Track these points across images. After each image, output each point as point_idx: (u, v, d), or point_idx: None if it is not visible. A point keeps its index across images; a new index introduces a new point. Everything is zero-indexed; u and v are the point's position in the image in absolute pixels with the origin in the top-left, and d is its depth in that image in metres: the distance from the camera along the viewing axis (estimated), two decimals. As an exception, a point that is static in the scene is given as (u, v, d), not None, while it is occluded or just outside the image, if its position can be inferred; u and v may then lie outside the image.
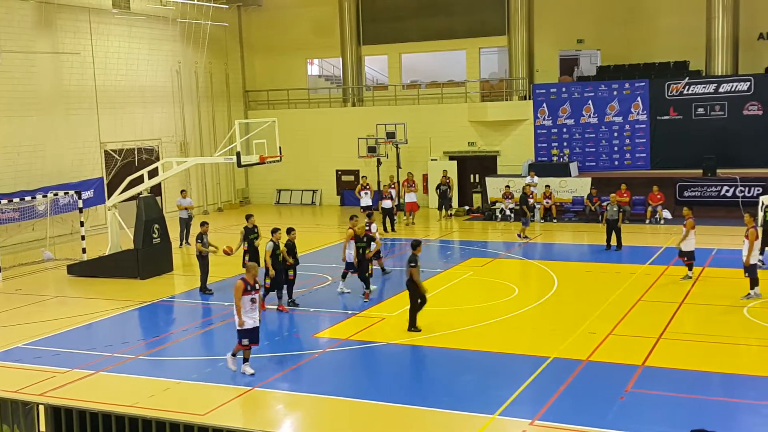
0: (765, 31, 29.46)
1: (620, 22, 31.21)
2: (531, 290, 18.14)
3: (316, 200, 35.63)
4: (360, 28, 35.42)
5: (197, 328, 16.21)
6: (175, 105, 32.51)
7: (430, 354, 14.05)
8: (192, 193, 31.62)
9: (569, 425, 10.46)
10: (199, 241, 18.63)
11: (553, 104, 30.83)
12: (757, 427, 10.58)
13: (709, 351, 13.44)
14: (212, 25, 32.27)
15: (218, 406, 11.61)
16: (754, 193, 26.28)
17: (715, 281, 18.23)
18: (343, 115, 35.09)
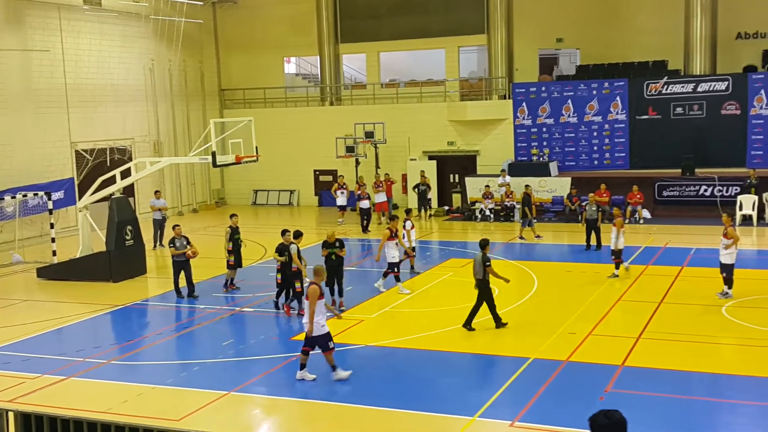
0: (743, 31, 29.60)
1: (599, 21, 31.23)
2: (511, 291, 17.95)
3: (294, 201, 35.34)
4: (338, 26, 35.17)
5: (172, 332, 15.91)
6: (148, 104, 32.08)
7: (410, 356, 13.89)
8: (166, 193, 31.18)
9: (549, 426, 10.39)
10: (171, 245, 18.06)
11: (532, 103, 30.76)
12: (737, 426, 10.56)
13: (688, 350, 13.40)
14: (186, 23, 31.89)
15: (194, 411, 11.40)
16: (732, 193, 26.39)
17: (693, 281, 18.20)
18: (320, 114, 34.83)
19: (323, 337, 12.28)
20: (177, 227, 18.36)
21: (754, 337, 13.88)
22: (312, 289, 12.22)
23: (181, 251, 17.93)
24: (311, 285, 12.36)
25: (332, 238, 16.80)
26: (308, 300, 12.20)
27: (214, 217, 32.34)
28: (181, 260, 18.00)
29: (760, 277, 18.39)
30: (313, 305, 12.10)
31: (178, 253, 17.96)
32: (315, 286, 12.26)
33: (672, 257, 20.76)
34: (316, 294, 12.14)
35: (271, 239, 24.51)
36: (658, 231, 24.84)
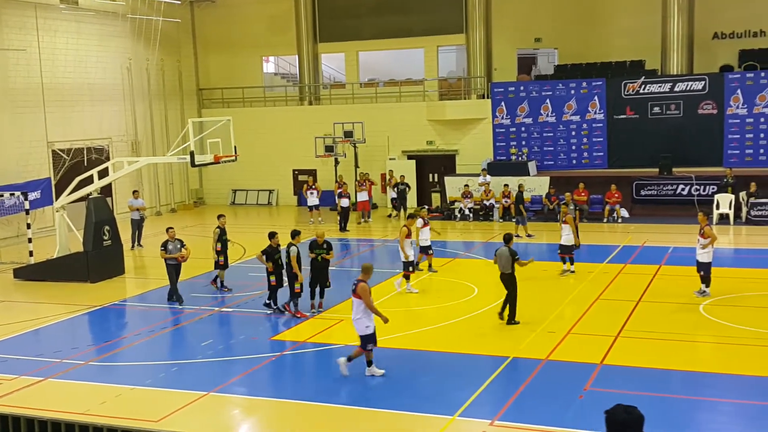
0: (719, 31, 29.88)
1: (577, 21, 31.39)
2: (490, 290, 17.99)
3: (273, 200, 35.22)
4: (317, 26, 35.08)
5: (150, 332, 15.78)
6: (125, 103, 31.84)
7: (390, 355, 13.86)
8: (144, 193, 30.97)
9: (529, 425, 10.42)
10: (162, 249, 17.56)
11: (511, 103, 30.86)
12: (715, 423, 10.65)
13: (666, 348, 13.50)
14: (164, 22, 31.66)
15: (173, 412, 11.33)
16: (709, 192, 26.62)
17: (671, 279, 18.34)
18: (299, 113, 34.73)
19: (367, 337, 12.33)
20: (171, 230, 17.87)
21: (731, 335, 14.01)
22: (363, 286, 12.24)
23: (174, 255, 17.42)
24: (361, 283, 12.32)
25: (321, 239, 16.49)
26: (362, 297, 12.17)
27: (192, 217, 32.17)
28: (173, 263, 17.52)
29: (737, 275, 18.58)
30: (369, 300, 12.16)
31: (171, 257, 17.44)
32: (365, 284, 12.30)
33: (650, 256, 20.92)
34: (369, 291, 12.23)
35: (250, 239, 24.45)
36: (636, 230, 25.02)
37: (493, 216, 27.97)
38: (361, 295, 12.12)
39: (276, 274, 16.37)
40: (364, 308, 12.21)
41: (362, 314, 12.21)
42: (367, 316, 12.24)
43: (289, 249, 16.09)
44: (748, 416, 10.74)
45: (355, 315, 12.31)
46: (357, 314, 12.28)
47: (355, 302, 12.31)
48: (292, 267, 15.96)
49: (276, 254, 16.36)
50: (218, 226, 18.67)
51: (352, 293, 12.38)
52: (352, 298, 12.44)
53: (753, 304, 15.98)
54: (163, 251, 17.56)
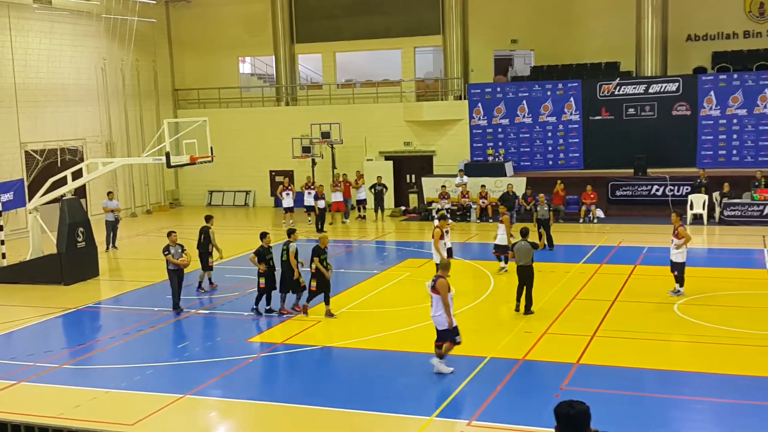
0: (693, 33, 30.18)
1: (553, 23, 31.58)
2: (467, 290, 18.06)
3: (249, 201, 35.07)
4: (293, 26, 35.01)
5: (125, 335, 15.63)
6: (100, 104, 31.56)
7: (367, 356, 13.87)
8: (119, 195, 30.69)
9: (506, 425, 10.44)
10: (166, 253, 16.74)
11: (488, 104, 30.98)
12: (690, 422, 10.74)
13: (642, 348, 13.59)
14: (139, 22, 31.43)
15: (148, 415, 11.23)
16: (683, 192, 26.88)
17: (646, 279, 18.49)
18: (276, 114, 34.63)
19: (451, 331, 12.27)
20: (173, 234, 17.09)
21: (705, 334, 14.14)
22: (442, 282, 12.21)
23: (177, 260, 16.72)
24: (440, 279, 12.30)
25: (324, 243, 16.06)
26: (440, 294, 12.14)
27: (168, 219, 31.95)
28: (175, 269, 16.79)
29: (711, 275, 18.76)
30: (446, 298, 12.15)
31: (176, 263, 16.69)
32: (444, 280, 12.28)
33: (625, 256, 21.07)
34: (447, 287, 12.20)
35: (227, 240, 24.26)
36: (612, 230, 25.20)
37: (470, 217, 28.06)
38: (440, 291, 12.16)
39: (267, 276, 16.15)
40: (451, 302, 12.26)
41: (442, 310, 12.24)
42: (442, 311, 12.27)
43: (288, 246, 16.09)
44: (721, 414, 10.85)
45: (435, 311, 12.31)
46: (437, 310, 12.28)
47: (435, 298, 12.29)
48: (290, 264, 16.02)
49: (268, 254, 16.18)
50: (205, 227, 18.68)
51: (431, 289, 12.39)
52: (431, 293, 12.42)
53: (726, 303, 16.14)
54: (169, 255, 16.65)
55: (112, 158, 28.29)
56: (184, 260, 16.79)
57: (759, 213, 25.10)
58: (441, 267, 12.74)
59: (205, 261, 18.63)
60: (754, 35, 29.54)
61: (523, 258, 15.76)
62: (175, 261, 16.63)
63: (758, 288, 17.24)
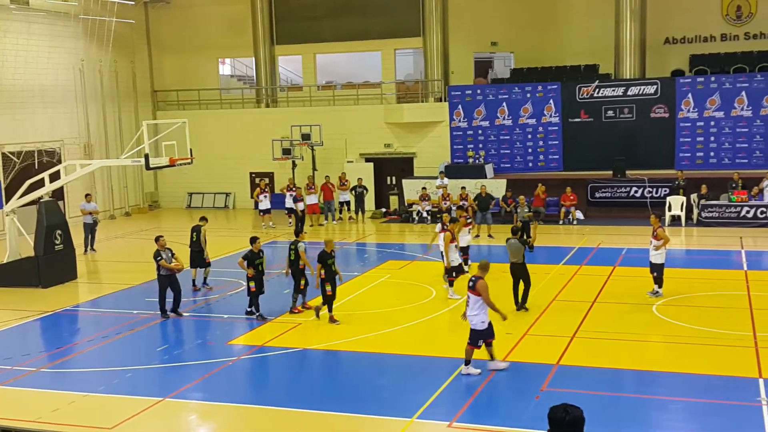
0: (671, 36, 30.43)
1: (533, 25, 31.72)
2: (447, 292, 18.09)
3: (230, 203, 34.93)
4: (273, 28, 34.92)
5: (104, 338, 15.51)
6: (78, 105, 31.29)
7: (348, 358, 13.86)
8: (97, 197, 30.46)
9: (487, 426, 10.48)
10: (159, 258, 16.30)
11: (468, 106, 31.06)
12: (668, 421, 10.83)
13: (620, 348, 13.69)
14: (117, 23, 31.20)
15: (127, 419, 11.16)
16: (662, 194, 27.09)
17: (625, 280, 18.61)
18: (256, 116, 34.52)
19: (479, 333, 12.32)
20: (162, 238, 16.65)
21: (683, 335, 14.25)
22: (482, 283, 12.28)
23: (171, 265, 16.39)
24: (480, 280, 12.34)
25: (330, 247, 15.87)
26: (481, 295, 12.20)
27: (147, 221, 31.77)
28: (167, 274, 16.39)
29: (689, 276, 18.91)
30: (488, 298, 12.22)
31: (170, 267, 16.31)
32: (484, 281, 12.33)
33: (604, 257, 21.20)
34: (487, 287, 12.27)
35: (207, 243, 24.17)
36: (591, 231, 25.34)
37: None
38: (481, 292, 12.23)
39: (256, 279, 16.03)
40: (480, 304, 12.29)
41: (479, 310, 12.29)
42: (483, 311, 12.33)
43: (296, 245, 16.32)
44: (697, 414, 10.96)
45: (471, 311, 12.36)
46: (474, 310, 12.33)
47: (472, 298, 12.35)
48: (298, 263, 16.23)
49: (257, 259, 16.04)
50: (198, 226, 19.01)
51: (470, 289, 12.43)
52: (468, 293, 12.47)
53: (704, 304, 16.28)
54: (162, 260, 16.21)
55: (90, 160, 28.04)
56: (178, 265, 16.58)
57: (736, 214, 25.35)
58: (480, 268, 12.78)
59: (200, 259, 18.78)
60: (731, 38, 29.84)
61: (514, 256, 16.02)
62: (169, 266, 16.32)
63: (735, 289, 17.40)
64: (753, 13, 29.54)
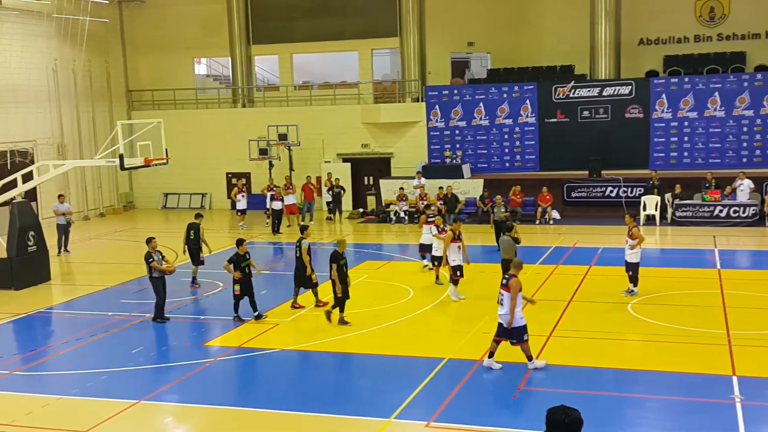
0: (645, 37, 30.70)
1: (509, 26, 31.86)
2: (426, 292, 18.12)
3: (206, 204, 34.71)
4: (249, 27, 34.77)
5: (78, 340, 15.35)
6: (51, 105, 30.96)
7: (325, 359, 13.82)
8: (71, 197, 30.16)
9: (465, 425, 10.48)
10: (151, 260, 15.98)
11: (445, 106, 31.13)
12: (644, 419, 10.90)
13: (597, 347, 13.77)
14: (91, 22, 30.92)
15: (102, 422, 11.05)
16: (636, 194, 27.31)
17: (601, 279, 18.72)
18: (233, 116, 34.36)
19: (520, 329, 12.32)
20: (153, 240, 16.30)
21: (658, 333, 14.36)
22: (516, 281, 12.29)
23: (163, 267, 16.14)
24: (513, 278, 12.34)
25: (342, 248, 15.64)
26: (511, 292, 12.21)
27: (122, 222, 31.50)
28: (160, 276, 16.12)
29: (663, 274, 19.08)
30: (516, 297, 12.23)
31: (162, 269, 16.06)
32: (518, 279, 12.34)
33: (580, 257, 21.32)
34: (520, 286, 12.30)
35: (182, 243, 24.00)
36: (568, 231, 25.49)
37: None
38: (512, 290, 12.28)
39: (242, 283, 15.79)
40: (518, 301, 12.34)
41: (519, 306, 12.34)
42: (519, 307, 12.36)
43: (300, 243, 16.41)
44: (674, 411, 11.04)
45: (503, 309, 12.38)
46: (505, 308, 12.35)
47: (506, 296, 12.38)
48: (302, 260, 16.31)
49: (243, 262, 15.83)
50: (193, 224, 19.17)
51: (504, 287, 12.45)
52: (501, 291, 12.48)
53: (678, 303, 16.42)
54: (155, 262, 15.89)
55: (63, 160, 27.72)
56: (170, 267, 16.43)
57: (709, 214, 25.61)
58: (513, 266, 12.77)
59: (196, 256, 18.90)
60: (704, 39, 30.16)
61: (507, 253, 16.33)
62: (161, 268, 16.09)
63: (709, 287, 17.58)
64: (726, 15, 29.88)
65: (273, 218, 27.08)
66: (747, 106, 28.12)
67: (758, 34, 29.60)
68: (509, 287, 12.33)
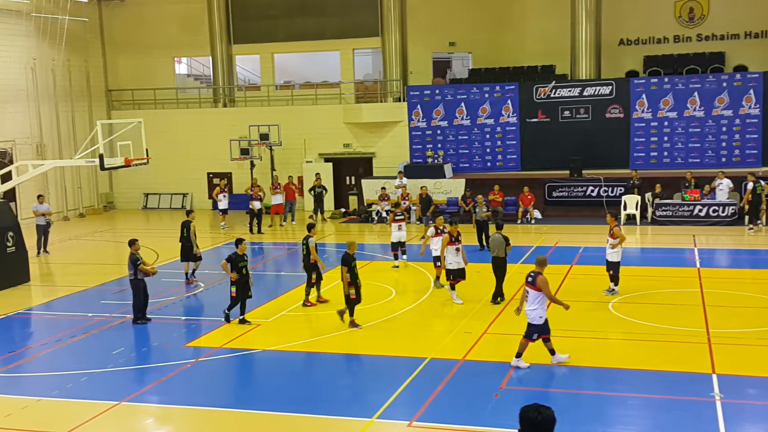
0: (625, 37, 30.90)
1: (490, 26, 31.95)
2: (407, 292, 18.13)
3: (187, 204, 34.52)
4: (230, 27, 34.64)
5: (58, 342, 15.22)
6: (30, 105, 30.68)
7: (307, 359, 13.80)
8: (50, 198, 29.91)
9: (446, 425, 10.50)
10: (139, 262, 15.82)
11: (426, 106, 31.17)
12: (625, 417, 10.95)
13: (578, 346, 13.80)
14: (70, 21, 30.69)
15: (82, 423, 10.97)
16: (617, 193, 27.46)
17: (582, 278, 18.80)
18: (214, 116, 34.21)
19: (537, 327, 12.41)
20: (137, 242, 16.07)
21: (639, 332, 14.45)
22: (543, 279, 12.40)
23: (149, 268, 16.06)
24: (540, 275, 12.46)
25: (353, 249, 15.60)
26: (542, 290, 12.32)
27: (102, 222, 31.28)
28: (143, 278, 15.97)
29: (644, 273, 19.20)
30: (549, 292, 12.39)
31: (147, 271, 15.95)
32: (544, 276, 12.47)
33: (562, 256, 21.40)
34: (548, 283, 12.39)
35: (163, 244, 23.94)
36: (549, 230, 25.59)
37: (410, 218, 28.13)
38: (542, 287, 12.38)
39: (238, 284, 15.48)
40: (540, 299, 12.40)
41: (538, 305, 12.41)
42: (542, 306, 12.43)
43: (307, 241, 16.59)
44: (653, 409, 11.11)
45: (531, 305, 12.46)
46: (533, 305, 12.43)
47: (532, 293, 12.45)
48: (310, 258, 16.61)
49: (241, 262, 15.55)
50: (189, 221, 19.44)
51: (529, 285, 12.51)
52: (527, 288, 12.54)
53: (658, 301, 16.53)
54: (141, 264, 15.80)
55: (42, 160, 27.52)
56: (153, 268, 16.41)
57: (689, 213, 25.81)
58: (538, 263, 12.84)
59: (190, 253, 19.14)
60: (684, 40, 30.40)
61: (496, 249, 16.62)
62: (147, 269, 15.99)
63: (688, 286, 17.72)
64: (705, 15, 30.13)
65: (251, 217, 26.99)
66: (726, 106, 28.37)
67: (737, 34, 29.88)
68: (537, 285, 12.43)
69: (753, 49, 29.61)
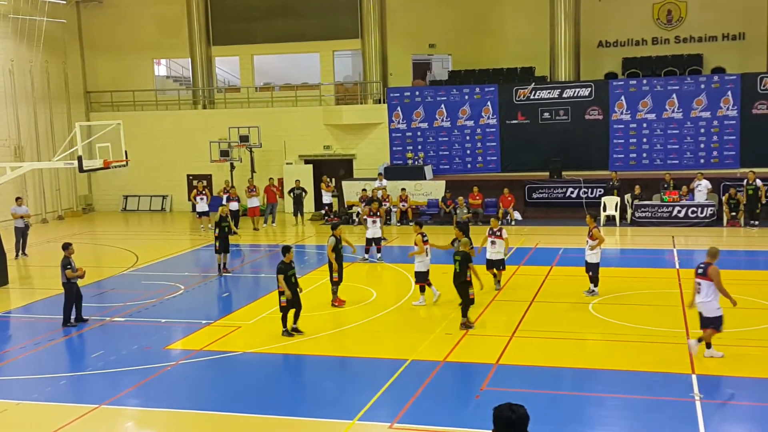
0: (604, 39, 31.13)
1: (470, 28, 32.04)
2: (389, 293, 18.14)
3: (166, 206, 34.36)
4: (210, 28, 34.50)
5: (36, 345, 15.08)
6: (8, 106, 30.40)
7: (288, 361, 13.77)
8: (29, 200, 29.63)
9: (428, 426, 10.50)
10: (68, 266, 15.92)
11: (407, 108, 31.20)
12: (605, 418, 11.01)
13: (559, 347, 13.87)
14: (48, 22, 30.43)
15: (62, 426, 10.88)
16: (597, 194, 27.63)
17: (562, 280, 18.89)
18: (193, 117, 34.06)
19: (718, 318, 12.35)
20: (71, 246, 16.24)
21: (619, 333, 14.54)
22: (715, 269, 12.27)
23: (78, 273, 16.00)
24: (711, 266, 12.31)
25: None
26: (714, 280, 12.20)
27: (81, 224, 31.03)
28: (74, 281, 16.06)
29: (623, 275, 19.33)
30: (720, 284, 12.22)
31: (76, 275, 15.91)
32: (716, 267, 12.30)
33: (542, 257, 21.51)
34: (719, 274, 12.24)
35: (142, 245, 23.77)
36: (529, 232, 25.69)
37: (390, 220, 28.16)
38: (713, 278, 12.23)
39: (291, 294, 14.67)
40: (714, 290, 12.29)
41: (713, 297, 12.32)
42: (717, 298, 12.33)
43: (329, 240, 16.91)
44: (633, 410, 11.17)
45: (705, 297, 12.36)
46: (707, 297, 12.34)
47: (704, 285, 12.36)
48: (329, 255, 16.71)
49: (289, 270, 14.64)
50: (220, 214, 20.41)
51: (701, 276, 12.42)
52: (698, 280, 12.46)
53: (638, 302, 16.63)
54: (70, 270, 15.94)
55: (21, 162, 27.28)
56: (81, 270, 16.18)
57: (668, 214, 26.02)
58: (709, 255, 12.66)
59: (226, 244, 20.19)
60: (662, 42, 30.66)
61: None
62: (76, 274, 15.94)
63: (668, 287, 17.84)
64: (683, 17, 30.41)
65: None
66: (704, 107, 28.63)
67: (715, 36, 30.18)
68: (709, 276, 12.38)
69: (730, 51, 29.92)
